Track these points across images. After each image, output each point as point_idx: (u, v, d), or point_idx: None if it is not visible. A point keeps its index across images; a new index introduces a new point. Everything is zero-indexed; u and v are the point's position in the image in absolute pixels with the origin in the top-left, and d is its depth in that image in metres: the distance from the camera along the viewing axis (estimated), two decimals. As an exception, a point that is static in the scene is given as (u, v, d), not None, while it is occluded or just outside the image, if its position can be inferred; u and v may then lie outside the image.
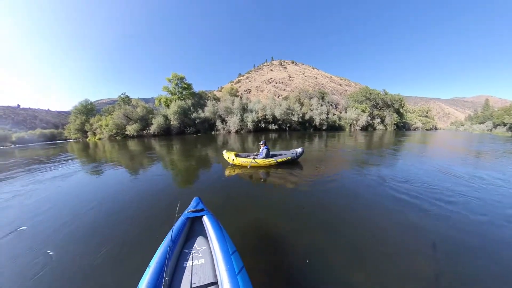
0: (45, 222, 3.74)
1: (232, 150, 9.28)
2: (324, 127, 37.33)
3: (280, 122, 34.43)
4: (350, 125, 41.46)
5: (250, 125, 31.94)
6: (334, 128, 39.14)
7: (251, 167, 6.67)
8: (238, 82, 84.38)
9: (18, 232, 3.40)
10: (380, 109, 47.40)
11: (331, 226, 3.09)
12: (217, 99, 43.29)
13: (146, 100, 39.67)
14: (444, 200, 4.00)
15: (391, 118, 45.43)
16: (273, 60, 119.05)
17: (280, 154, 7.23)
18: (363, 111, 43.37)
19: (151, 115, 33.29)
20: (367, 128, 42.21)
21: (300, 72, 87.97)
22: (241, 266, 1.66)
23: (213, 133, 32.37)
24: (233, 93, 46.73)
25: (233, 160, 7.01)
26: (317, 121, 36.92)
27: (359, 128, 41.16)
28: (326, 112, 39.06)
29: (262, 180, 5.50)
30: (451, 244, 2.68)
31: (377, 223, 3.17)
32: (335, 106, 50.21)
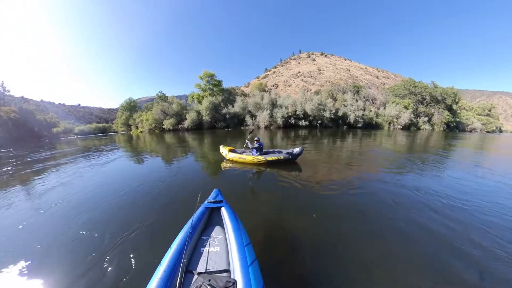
0: (88, 198, 4.47)
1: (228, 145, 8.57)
2: (359, 125, 34.50)
3: (311, 118, 33.14)
4: (389, 123, 37.40)
5: (279, 121, 31.55)
6: (370, 126, 35.87)
7: (235, 161, 7.05)
8: (265, 77, 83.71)
9: (64, 203, 4.19)
10: (427, 105, 41.52)
11: (340, 237, 2.87)
12: (245, 95, 43.90)
13: (180, 98, 42.66)
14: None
15: (440, 116, 39.25)
16: (300, 52, 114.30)
17: (273, 152, 6.98)
18: (405, 107, 38.50)
19: (185, 111, 35.68)
20: (410, 127, 37.49)
21: (330, 64, 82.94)
22: (254, 258, 1.67)
23: (242, 128, 33.06)
24: (262, 89, 46.63)
25: (226, 155, 7.26)
26: (351, 118, 34.33)
27: (400, 127, 36.85)
28: (362, 108, 36.11)
29: (282, 180, 5.30)
30: None
31: (397, 246, 2.67)
32: (372, 101, 45.98)
